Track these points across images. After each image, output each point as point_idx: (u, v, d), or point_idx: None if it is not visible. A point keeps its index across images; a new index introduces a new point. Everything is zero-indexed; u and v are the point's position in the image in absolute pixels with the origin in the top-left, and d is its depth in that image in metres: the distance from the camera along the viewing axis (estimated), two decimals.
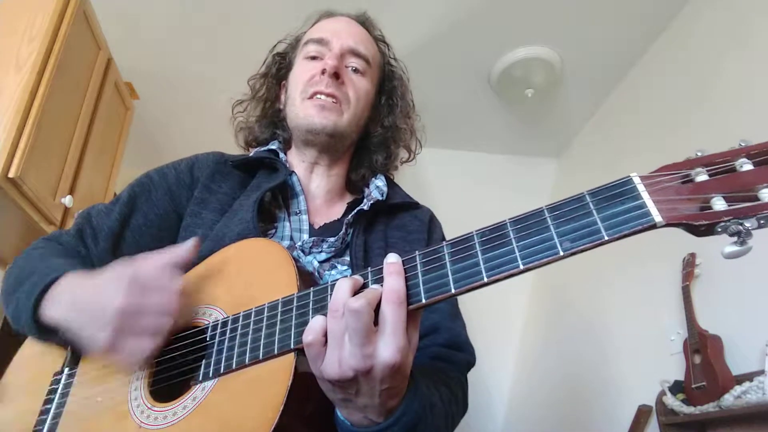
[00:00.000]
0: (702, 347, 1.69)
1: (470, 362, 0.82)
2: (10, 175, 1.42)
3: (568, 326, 2.64)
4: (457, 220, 1.07)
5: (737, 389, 1.51)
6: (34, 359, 0.78)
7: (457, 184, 3.11)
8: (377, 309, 0.51)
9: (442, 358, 0.78)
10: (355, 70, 0.94)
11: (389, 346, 0.50)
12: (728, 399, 1.51)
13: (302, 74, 0.93)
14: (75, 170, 1.80)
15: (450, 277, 0.52)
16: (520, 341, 2.97)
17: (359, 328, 0.49)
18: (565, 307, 2.74)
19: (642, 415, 1.93)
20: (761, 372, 1.49)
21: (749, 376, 1.54)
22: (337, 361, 0.51)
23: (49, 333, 0.69)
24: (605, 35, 2.46)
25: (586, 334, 2.47)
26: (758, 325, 1.59)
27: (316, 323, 0.53)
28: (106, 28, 1.98)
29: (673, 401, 1.74)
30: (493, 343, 2.84)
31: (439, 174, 3.10)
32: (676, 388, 1.77)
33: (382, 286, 0.53)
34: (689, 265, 1.86)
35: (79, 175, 1.81)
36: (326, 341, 0.52)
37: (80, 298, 0.65)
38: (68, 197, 1.70)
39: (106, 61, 2.02)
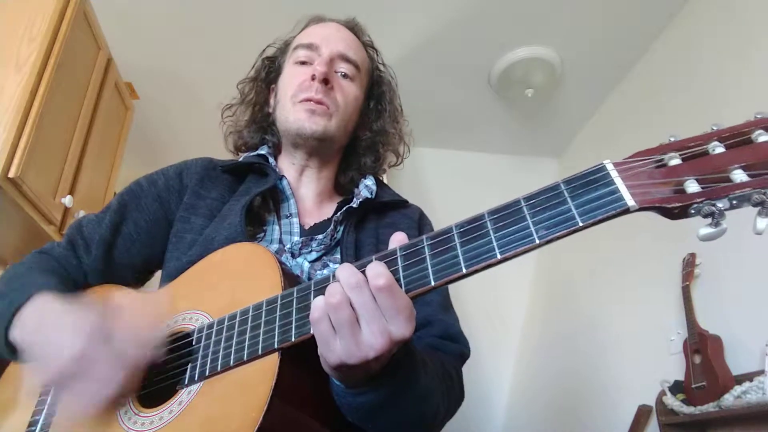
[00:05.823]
0: (702, 347, 1.68)
1: (464, 353, 0.81)
2: (10, 175, 1.42)
3: (568, 326, 2.63)
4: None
5: (737, 389, 1.51)
6: (24, 371, 0.77)
7: (457, 184, 3.11)
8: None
9: (435, 348, 0.78)
10: (345, 76, 0.94)
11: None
12: (728, 399, 1.51)
13: (292, 79, 0.93)
14: (75, 170, 1.79)
15: (430, 270, 0.52)
16: (520, 341, 2.97)
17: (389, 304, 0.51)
18: (565, 307, 2.74)
19: (642, 415, 1.93)
20: (761, 372, 1.48)
21: (749, 376, 1.53)
22: (355, 342, 0.51)
23: (14, 353, 0.69)
24: (605, 35, 2.46)
25: (586, 334, 2.46)
26: (758, 325, 1.58)
27: (319, 301, 0.53)
28: (106, 28, 1.98)
29: (673, 401, 1.74)
30: (494, 343, 2.84)
31: (439, 174, 3.10)
32: (676, 388, 1.77)
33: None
34: (689, 265, 1.86)
35: (79, 175, 1.81)
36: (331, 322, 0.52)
37: (44, 329, 0.65)
38: (68, 197, 1.70)
39: (106, 61, 2.02)
